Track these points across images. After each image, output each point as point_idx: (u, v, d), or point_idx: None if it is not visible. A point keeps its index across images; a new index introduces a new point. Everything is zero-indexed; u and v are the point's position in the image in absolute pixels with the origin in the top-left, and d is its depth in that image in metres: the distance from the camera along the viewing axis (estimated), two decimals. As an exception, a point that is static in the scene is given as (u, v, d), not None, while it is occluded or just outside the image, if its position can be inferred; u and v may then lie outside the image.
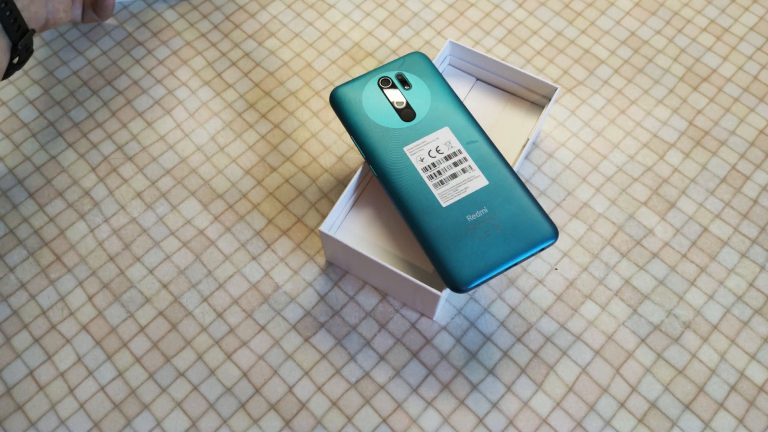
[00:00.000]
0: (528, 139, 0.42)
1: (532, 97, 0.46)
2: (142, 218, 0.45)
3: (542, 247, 0.36)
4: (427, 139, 0.38)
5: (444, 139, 0.38)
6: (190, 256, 0.44)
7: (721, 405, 0.39)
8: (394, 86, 0.40)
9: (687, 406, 0.39)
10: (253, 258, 0.44)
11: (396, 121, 0.39)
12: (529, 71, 0.51)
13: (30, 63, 0.51)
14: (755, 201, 0.46)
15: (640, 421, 0.39)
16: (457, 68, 0.48)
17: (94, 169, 0.47)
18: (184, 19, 0.54)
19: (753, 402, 0.39)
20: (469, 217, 0.36)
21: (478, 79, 0.47)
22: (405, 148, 0.38)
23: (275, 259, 0.44)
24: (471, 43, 0.53)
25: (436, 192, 0.37)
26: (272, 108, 0.50)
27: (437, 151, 0.38)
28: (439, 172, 0.38)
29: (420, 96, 0.40)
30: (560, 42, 0.53)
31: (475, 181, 0.37)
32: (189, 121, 0.49)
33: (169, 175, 0.47)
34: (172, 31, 0.53)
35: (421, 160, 0.38)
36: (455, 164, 0.38)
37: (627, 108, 0.50)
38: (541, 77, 0.45)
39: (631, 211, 0.46)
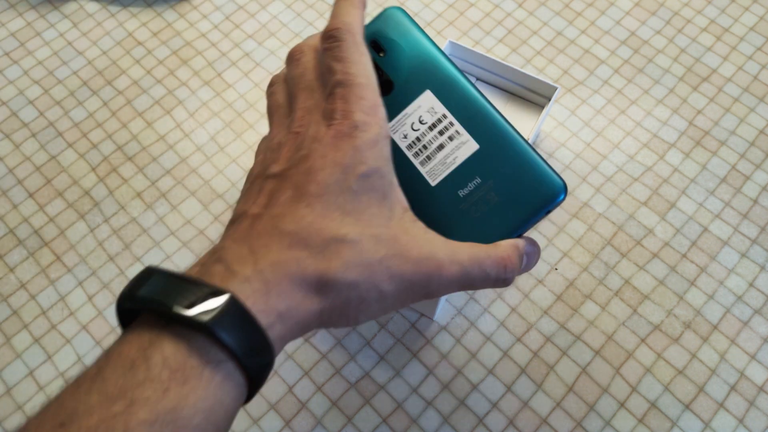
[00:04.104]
0: (528, 139, 0.42)
1: (532, 97, 0.46)
2: (142, 218, 0.45)
3: (549, 207, 0.31)
4: (408, 110, 0.33)
5: (426, 105, 0.32)
6: (190, 256, 0.44)
7: (721, 405, 0.39)
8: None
9: (687, 406, 0.39)
10: (253, 258, 0.44)
11: None
12: (529, 71, 0.51)
13: (30, 62, 0.51)
14: (755, 201, 0.46)
15: (640, 421, 0.39)
16: (457, 68, 0.48)
17: (94, 169, 0.47)
18: (184, 19, 0.54)
19: (753, 402, 0.39)
20: (461, 192, 0.31)
21: (478, 79, 0.47)
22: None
23: (275, 259, 0.44)
24: (471, 43, 0.53)
25: (423, 170, 0.32)
26: (272, 108, 0.50)
27: (420, 122, 0.32)
28: (425, 147, 0.32)
29: (396, 60, 0.34)
30: (560, 42, 0.53)
31: (464, 148, 0.32)
32: (189, 121, 0.49)
33: (169, 175, 0.47)
34: (172, 31, 0.53)
35: (405, 137, 0.32)
36: (441, 132, 0.32)
37: (627, 108, 0.50)
38: (541, 77, 0.45)
39: (631, 211, 0.46)
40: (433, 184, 0.32)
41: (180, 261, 0.44)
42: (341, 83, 0.27)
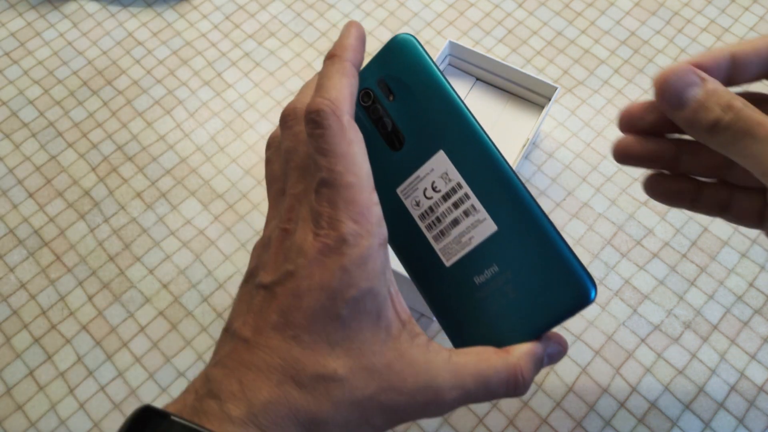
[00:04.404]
0: (528, 139, 0.42)
1: (532, 97, 0.46)
2: (142, 218, 0.45)
3: (575, 312, 0.26)
4: (420, 173, 0.28)
5: (440, 169, 0.28)
6: (190, 256, 0.44)
7: (721, 405, 0.39)
8: (377, 100, 0.29)
9: (687, 406, 0.39)
10: (253, 258, 0.44)
11: (384, 151, 0.29)
12: (529, 71, 0.51)
13: (30, 62, 0.51)
14: (755, 201, 0.46)
15: (640, 421, 0.39)
16: (457, 68, 0.48)
17: (94, 169, 0.47)
18: (184, 19, 0.54)
19: (753, 402, 0.39)
20: (477, 279, 0.27)
21: (478, 79, 0.47)
22: (398, 190, 0.29)
23: (275, 259, 0.44)
24: (471, 43, 0.53)
25: (437, 246, 0.28)
26: (272, 108, 0.50)
27: (434, 189, 0.28)
28: (438, 219, 0.28)
29: (408, 107, 0.29)
30: (560, 42, 0.53)
31: (480, 227, 0.27)
32: (189, 121, 0.49)
33: (169, 175, 0.47)
34: (172, 31, 0.53)
35: (417, 205, 0.28)
36: (455, 205, 0.28)
37: (627, 108, 0.50)
38: (541, 77, 0.45)
39: (631, 211, 0.46)
40: (447, 264, 0.28)
41: (180, 261, 0.44)
42: (327, 183, 0.24)
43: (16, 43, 0.52)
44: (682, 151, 0.29)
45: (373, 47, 0.52)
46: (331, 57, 0.27)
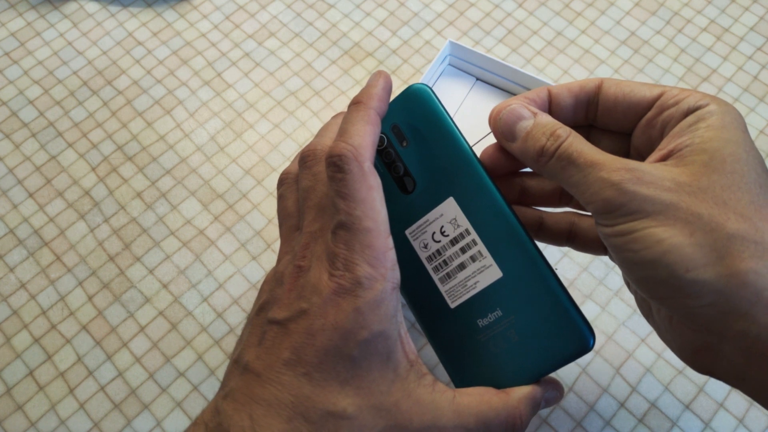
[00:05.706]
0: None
1: (532, 97, 0.46)
2: (142, 218, 0.45)
3: (572, 360, 0.28)
4: (429, 217, 0.30)
5: (449, 215, 0.29)
6: (190, 256, 0.44)
7: (721, 405, 0.39)
8: (390, 144, 0.30)
9: (687, 406, 0.39)
10: (253, 258, 0.44)
11: (394, 193, 0.30)
12: (529, 71, 0.51)
13: (30, 62, 0.51)
14: (755, 201, 0.46)
15: (640, 421, 0.39)
16: (457, 68, 0.48)
17: (94, 169, 0.47)
18: (184, 19, 0.54)
19: (753, 402, 0.39)
20: (480, 322, 0.29)
21: (478, 79, 0.47)
22: (407, 232, 0.30)
23: (275, 259, 0.44)
24: (471, 43, 0.53)
25: (443, 288, 0.29)
26: (272, 108, 0.50)
27: (442, 234, 0.29)
28: (445, 262, 0.29)
29: (420, 153, 0.30)
30: (560, 42, 0.53)
31: (486, 273, 0.28)
32: (189, 121, 0.49)
33: (169, 175, 0.47)
34: (172, 31, 0.53)
35: (425, 247, 0.30)
36: (462, 250, 0.29)
37: (627, 108, 0.50)
38: (541, 77, 0.45)
39: (631, 211, 0.45)
40: (452, 306, 0.29)
41: (180, 261, 0.44)
42: (344, 226, 0.25)
43: (16, 43, 0.52)
44: (525, 184, 0.31)
45: (373, 46, 0.52)
46: (356, 103, 0.27)
